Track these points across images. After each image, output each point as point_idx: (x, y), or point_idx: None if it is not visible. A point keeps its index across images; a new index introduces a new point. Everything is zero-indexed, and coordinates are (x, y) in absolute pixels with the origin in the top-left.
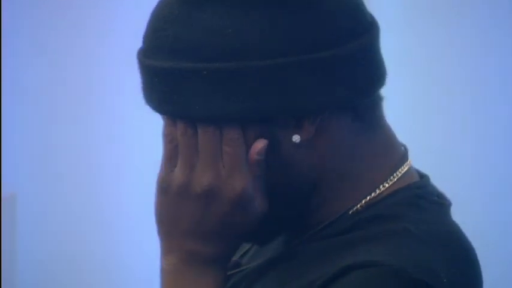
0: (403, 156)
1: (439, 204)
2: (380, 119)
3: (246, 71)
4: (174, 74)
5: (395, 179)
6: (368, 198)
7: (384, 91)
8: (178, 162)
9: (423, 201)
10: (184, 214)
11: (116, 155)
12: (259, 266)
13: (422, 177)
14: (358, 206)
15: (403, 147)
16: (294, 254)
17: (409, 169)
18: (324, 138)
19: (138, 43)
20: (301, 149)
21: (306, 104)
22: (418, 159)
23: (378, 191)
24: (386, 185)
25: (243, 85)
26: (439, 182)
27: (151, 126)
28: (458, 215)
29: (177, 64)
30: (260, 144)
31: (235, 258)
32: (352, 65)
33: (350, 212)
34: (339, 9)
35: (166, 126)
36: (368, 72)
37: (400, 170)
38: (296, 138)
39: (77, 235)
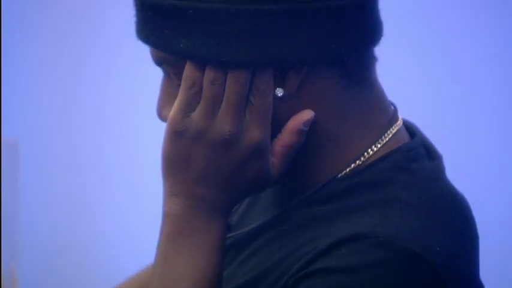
0: (393, 116)
1: (430, 165)
2: (369, 78)
3: (234, 14)
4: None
5: (386, 140)
6: (358, 162)
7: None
8: (198, 108)
9: (415, 164)
10: (197, 159)
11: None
12: (249, 232)
13: (414, 134)
14: (348, 170)
15: (392, 107)
16: (284, 222)
17: (399, 130)
18: (307, 92)
19: None
20: (284, 103)
21: (292, 55)
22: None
23: (367, 155)
24: (379, 146)
25: (220, 28)
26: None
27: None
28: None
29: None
30: (308, 116)
31: None
32: (344, 19)
33: (339, 176)
34: None
35: (189, 70)
36: (360, 28)
37: (390, 130)
38: (279, 91)
39: (79, 179)
